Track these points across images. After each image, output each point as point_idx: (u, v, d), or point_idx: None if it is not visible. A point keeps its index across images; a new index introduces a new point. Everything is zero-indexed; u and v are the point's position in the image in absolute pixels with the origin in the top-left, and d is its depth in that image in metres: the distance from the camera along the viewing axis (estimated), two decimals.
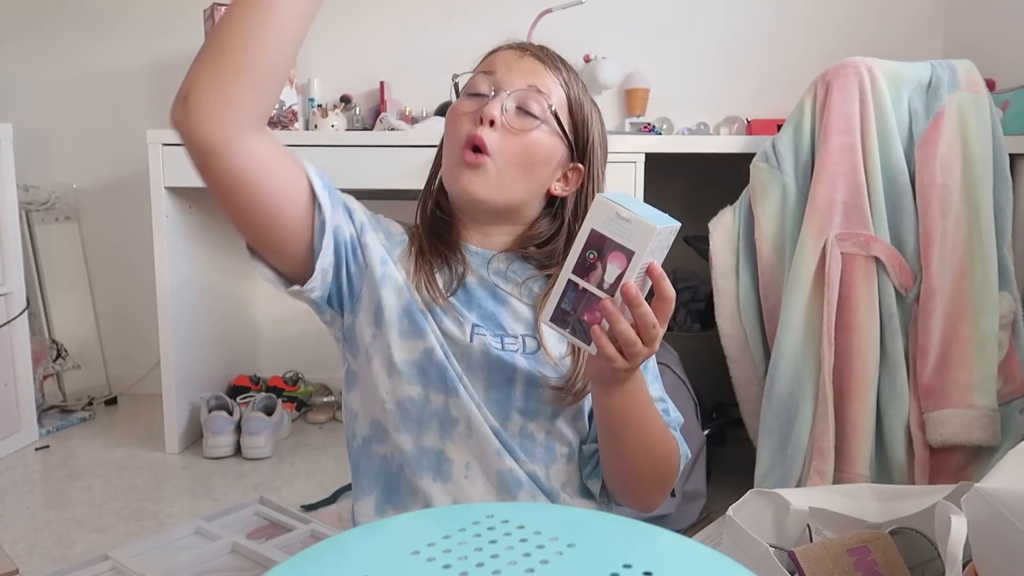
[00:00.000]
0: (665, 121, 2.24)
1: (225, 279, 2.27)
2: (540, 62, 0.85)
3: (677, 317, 2.13)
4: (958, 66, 1.53)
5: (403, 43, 2.37)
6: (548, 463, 0.86)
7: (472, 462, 0.84)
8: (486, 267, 0.88)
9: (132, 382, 2.45)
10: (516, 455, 0.84)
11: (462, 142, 0.82)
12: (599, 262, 0.69)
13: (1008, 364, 1.43)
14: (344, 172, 1.85)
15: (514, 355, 0.83)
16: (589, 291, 0.70)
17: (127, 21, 2.39)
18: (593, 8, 2.21)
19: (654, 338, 0.70)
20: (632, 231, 0.68)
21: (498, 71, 0.83)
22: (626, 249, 0.68)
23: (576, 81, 0.88)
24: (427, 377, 0.83)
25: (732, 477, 1.64)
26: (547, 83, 0.84)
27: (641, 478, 0.83)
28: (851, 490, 1.19)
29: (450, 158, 0.85)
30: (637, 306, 0.68)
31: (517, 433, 0.85)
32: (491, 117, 0.81)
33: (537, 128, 0.84)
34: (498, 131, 0.82)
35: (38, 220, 2.32)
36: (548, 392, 0.84)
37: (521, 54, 0.85)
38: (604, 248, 0.69)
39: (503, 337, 0.84)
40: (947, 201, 1.43)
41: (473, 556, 0.43)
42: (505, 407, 0.84)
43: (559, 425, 0.86)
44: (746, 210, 1.57)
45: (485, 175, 0.82)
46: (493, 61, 0.85)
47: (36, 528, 1.53)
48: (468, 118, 0.83)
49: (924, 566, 1.06)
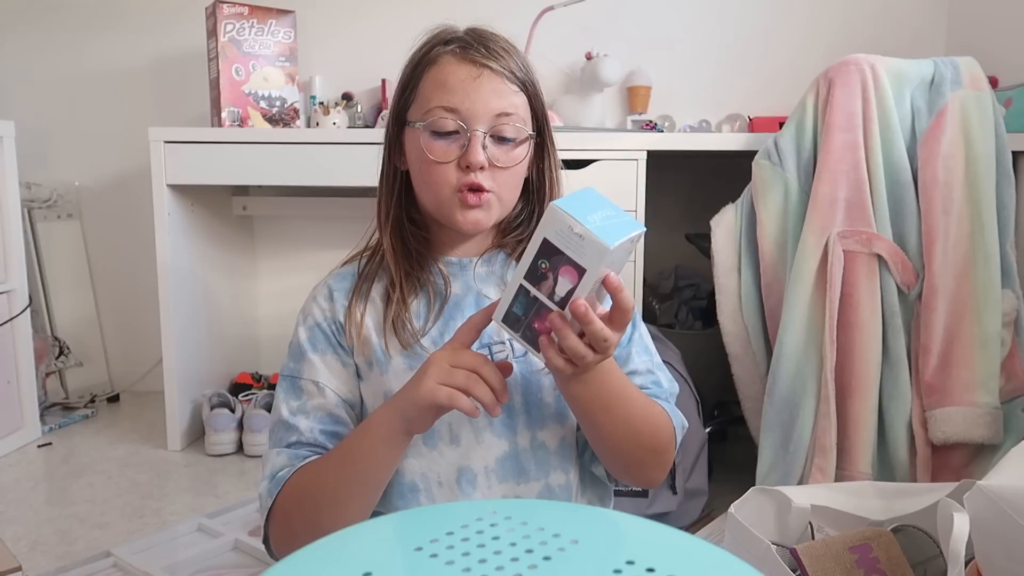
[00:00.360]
0: (667, 118, 2.24)
1: (227, 276, 2.28)
2: (495, 75, 0.81)
3: (679, 315, 2.13)
4: (961, 63, 1.53)
5: (405, 40, 2.35)
6: (567, 469, 0.85)
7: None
8: (470, 274, 0.87)
9: (134, 379, 2.46)
10: (530, 476, 0.83)
11: (454, 188, 0.80)
12: (550, 273, 0.66)
13: (1010, 362, 1.43)
14: (345, 169, 1.85)
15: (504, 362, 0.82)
16: (540, 300, 0.67)
17: (129, 18, 2.39)
18: (595, 5, 2.20)
19: (607, 348, 0.68)
20: (584, 247, 0.63)
21: (458, 106, 0.79)
22: (577, 265, 0.64)
23: (522, 62, 0.85)
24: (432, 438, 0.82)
25: (734, 475, 1.64)
26: (511, 101, 0.81)
27: (630, 457, 0.81)
28: (853, 488, 1.19)
29: (442, 194, 0.82)
30: (587, 324, 0.66)
31: (529, 447, 0.83)
32: (480, 165, 0.79)
33: (519, 150, 0.83)
34: (488, 169, 0.81)
35: (40, 217, 2.32)
36: (545, 383, 0.83)
37: (475, 73, 0.80)
38: (555, 260, 0.65)
39: (490, 347, 0.83)
40: (950, 199, 1.43)
41: (476, 552, 0.43)
42: (510, 424, 0.82)
43: (569, 427, 0.85)
44: (748, 208, 1.57)
45: (489, 208, 0.82)
46: (449, 90, 0.80)
47: (39, 525, 1.53)
48: (451, 166, 0.80)
49: (926, 564, 1.06)
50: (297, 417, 0.82)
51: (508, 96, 0.81)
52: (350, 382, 0.84)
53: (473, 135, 0.79)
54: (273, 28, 2.01)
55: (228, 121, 1.96)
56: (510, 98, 0.82)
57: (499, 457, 0.81)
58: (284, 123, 2.03)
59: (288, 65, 2.03)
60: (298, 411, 0.82)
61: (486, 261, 0.88)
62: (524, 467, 0.82)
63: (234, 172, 1.89)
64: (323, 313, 0.86)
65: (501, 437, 0.82)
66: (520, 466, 0.82)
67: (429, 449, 0.81)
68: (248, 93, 1.98)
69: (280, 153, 1.87)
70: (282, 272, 2.47)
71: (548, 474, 0.83)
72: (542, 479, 0.83)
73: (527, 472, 0.82)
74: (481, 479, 0.81)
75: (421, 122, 0.81)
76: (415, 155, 0.83)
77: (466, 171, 0.80)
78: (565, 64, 2.29)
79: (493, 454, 0.81)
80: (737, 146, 1.72)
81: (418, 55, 0.85)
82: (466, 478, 0.81)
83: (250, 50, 1.98)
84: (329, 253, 2.87)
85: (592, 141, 1.76)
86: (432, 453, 0.81)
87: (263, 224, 2.46)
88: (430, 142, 0.80)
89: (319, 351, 0.84)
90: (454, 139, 0.80)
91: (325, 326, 0.85)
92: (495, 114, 0.80)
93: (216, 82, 1.97)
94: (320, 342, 0.85)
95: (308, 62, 2.30)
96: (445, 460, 0.81)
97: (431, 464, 0.81)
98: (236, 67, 1.97)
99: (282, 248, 2.46)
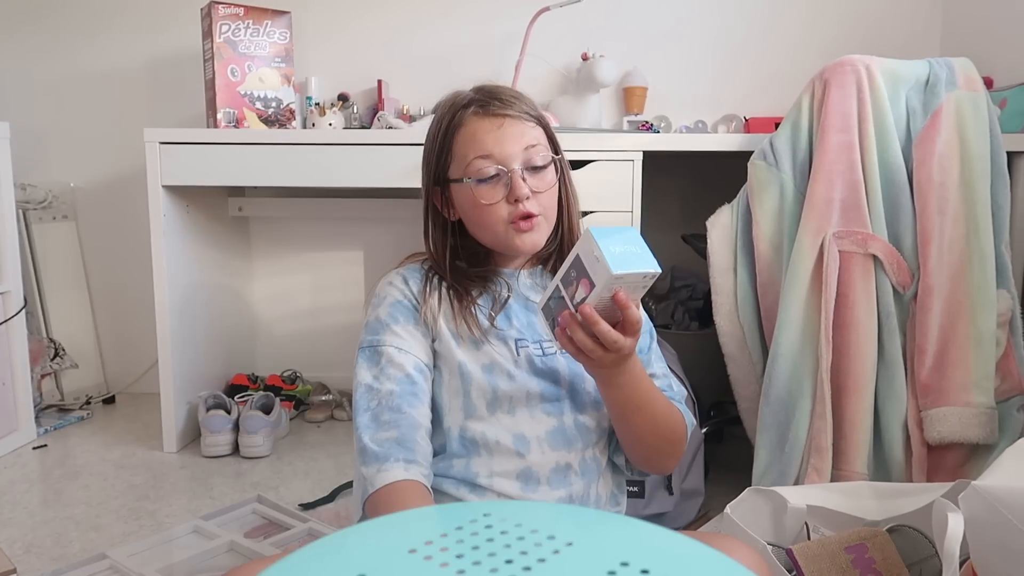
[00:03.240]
0: (663, 119, 2.24)
1: (223, 278, 2.27)
2: (514, 120, 0.96)
3: (675, 315, 2.13)
4: (956, 64, 1.53)
5: (401, 41, 2.37)
6: (603, 446, 1.00)
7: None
8: (519, 283, 1.02)
9: (130, 381, 2.45)
10: (574, 446, 0.96)
11: (506, 222, 0.95)
12: (575, 281, 0.82)
13: (1006, 362, 1.44)
14: (342, 170, 1.85)
15: (555, 357, 0.97)
16: (565, 300, 0.83)
17: (125, 19, 2.38)
18: (591, 6, 2.20)
19: (618, 348, 0.82)
20: (598, 268, 0.79)
21: (492, 152, 0.94)
22: (591, 280, 0.80)
23: (530, 103, 0.99)
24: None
25: (730, 475, 1.64)
26: (532, 135, 0.96)
27: (652, 450, 0.97)
28: (849, 488, 1.19)
29: (498, 230, 0.96)
30: (593, 324, 0.80)
31: (572, 425, 0.96)
32: (526, 195, 0.94)
33: (549, 173, 0.97)
34: (532, 197, 0.95)
35: (35, 219, 2.32)
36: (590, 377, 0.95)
37: (498, 123, 0.95)
38: (580, 272, 0.81)
39: (542, 343, 0.97)
40: (945, 199, 1.44)
41: (470, 554, 0.43)
42: (558, 406, 0.96)
43: (604, 413, 0.98)
44: (744, 208, 1.57)
45: (540, 229, 0.97)
46: (480, 142, 0.94)
47: (34, 527, 1.53)
48: (500, 204, 0.95)
49: (922, 564, 1.06)
50: (380, 380, 0.93)
51: (529, 132, 0.97)
52: (427, 349, 0.97)
53: (513, 173, 0.94)
54: (269, 29, 2.00)
55: (224, 122, 1.95)
56: (531, 133, 0.97)
57: (549, 430, 0.95)
58: (280, 124, 2.03)
59: (284, 66, 2.03)
60: (380, 375, 0.93)
61: (529, 274, 1.04)
62: (570, 439, 0.96)
63: (230, 173, 1.89)
64: (402, 292, 0.99)
65: (550, 415, 0.96)
66: (567, 437, 0.95)
67: (490, 414, 0.95)
68: (244, 94, 1.98)
69: (276, 154, 1.87)
70: (278, 273, 2.47)
71: (588, 448, 0.97)
72: (584, 450, 0.97)
73: (574, 443, 0.96)
74: (534, 444, 0.94)
75: (467, 177, 0.95)
76: (468, 206, 0.97)
77: (515, 204, 0.94)
78: (561, 65, 2.29)
79: (544, 427, 0.95)
80: (733, 147, 1.72)
81: (444, 124, 0.98)
82: (521, 441, 0.94)
83: (246, 51, 1.98)
84: (325, 254, 2.89)
85: (588, 142, 1.76)
86: (492, 418, 0.95)
87: (259, 225, 2.45)
88: (478, 189, 0.95)
89: (401, 322, 0.97)
90: (495, 181, 0.95)
91: (406, 302, 0.98)
92: (523, 148, 0.95)
93: (212, 83, 1.96)
94: (402, 314, 0.97)
95: (304, 63, 2.30)
96: (502, 425, 0.94)
97: (490, 426, 0.94)
98: (232, 68, 1.96)
99: (278, 249, 2.46)
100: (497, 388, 0.94)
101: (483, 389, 0.94)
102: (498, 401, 0.95)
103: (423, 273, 1.02)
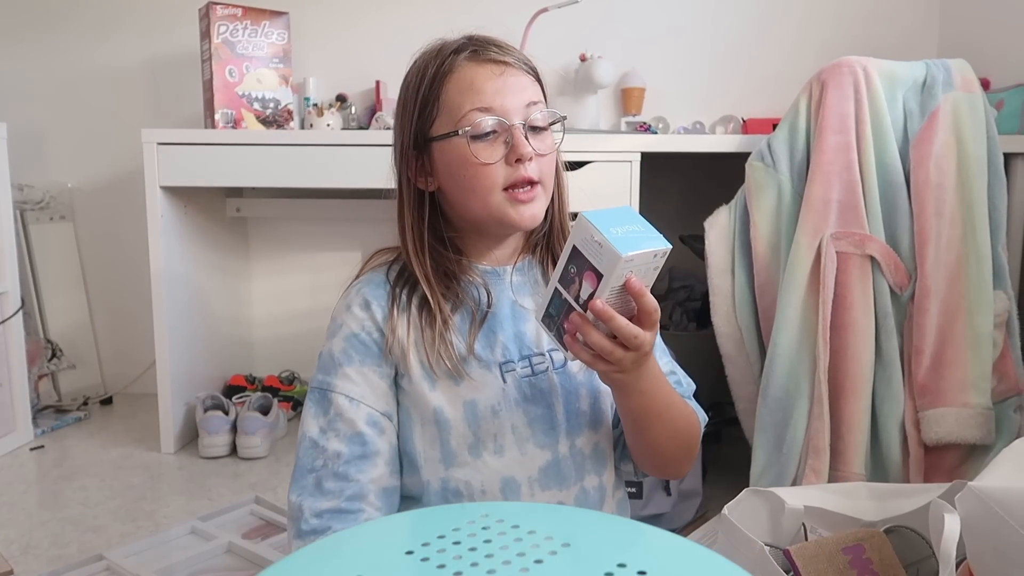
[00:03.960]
0: (661, 120, 2.24)
1: (220, 279, 2.27)
2: (515, 70, 0.83)
3: (673, 316, 2.13)
4: (953, 65, 1.53)
5: (399, 42, 2.35)
6: (599, 471, 0.89)
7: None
8: (505, 284, 0.88)
9: (127, 382, 2.45)
10: (570, 482, 0.86)
11: (503, 186, 0.82)
12: (577, 277, 0.71)
13: (1002, 363, 1.44)
14: (340, 171, 1.85)
15: (545, 375, 0.85)
16: (568, 301, 0.73)
17: (122, 20, 2.38)
18: (589, 7, 2.20)
19: (639, 345, 0.72)
20: (603, 254, 0.69)
21: (493, 104, 0.81)
22: (597, 271, 0.69)
23: (522, 53, 0.87)
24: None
25: (728, 476, 1.64)
26: (533, 91, 0.84)
27: (670, 456, 0.87)
28: (846, 489, 1.19)
29: (491, 199, 0.82)
30: (608, 320, 0.70)
31: (568, 454, 0.86)
32: (531, 156, 0.81)
33: (549, 136, 0.85)
34: (534, 160, 0.82)
35: (33, 219, 2.32)
36: (583, 392, 0.87)
37: (497, 71, 0.82)
38: (580, 266, 0.71)
39: (531, 358, 0.85)
40: (942, 200, 1.44)
41: (467, 556, 0.43)
42: (552, 434, 0.85)
43: (603, 432, 0.89)
44: (742, 209, 1.57)
45: (539, 201, 0.84)
46: (479, 91, 0.81)
47: (31, 528, 1.52)
48: (498, 166, 0.81)
49: (919, 564, 1.06)
50: (327, 436, 0.82)
51: (530, 87, 0.84)
52: (387, 394, 0.84)
53: (515, 128, 0.81)
54: (267, 30, 2.00)
55: (222, 123, 1.95)
56: (533, 88, 0.85)
57: (542, 467, 0.84)
58: (278, 125, 2.03)
59: (282, 67, 2.03)
60: (328, 429, 0.82)
61: (519, 271, 0.89)
62: (565, 474, 0.85)
63: (228, 174, 1.89)
64: (360, 323, 0.85)
65: (544, 448, 0.85)
66: (561, 473, 0.85)
67: (474, 459, 0.83)
68: (242, 95, 1.98)
69: (274, 155, 1.86)
70: (276, 274, 2.46)
71: (584, 477, 0.87)
72: (578, 483, 0.86)
73: (568, 479, 0.85)
74: (524, 488, 0.84)
75: (462, 128, 0.80)
76: (456, 165, 0.82)
77: (516, 166, 0.81)
78: (559, 66, 2.29)
79: (536, 464, 0.84)
80: (731, 148, 1.72)
81: (431, 71, 0.84)
82: (510, 488, 0.83)
83: (244, 52, 1.98)
84: (323, 255, 2.89)
85: (586, 143, 1.76)
86: (476, 462, 0.83)
87: (257, 226, 2.45)
88: (473, 146, 0.80)
89: (355, 363, 0.83)
90: (493, 139, 0.81)
91: (364, 336, 0.84)
92: (525, 105, 0.82)
93: (209, 84, 1.96)
94: (358, 352, 0.84)
95: (302, 64, 2.30)
96: (489, 469, 0.83)
97: (475, 473, 0.83)
98: (230, 68, 1.96)
99: (276, 250, 2.46)
100: (480, 429, 0.83)
101: (463, 434, 0.83)
102: (482, 443, 0.83)
103: (388, 289, 0.87)
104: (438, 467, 0.83)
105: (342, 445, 0.81)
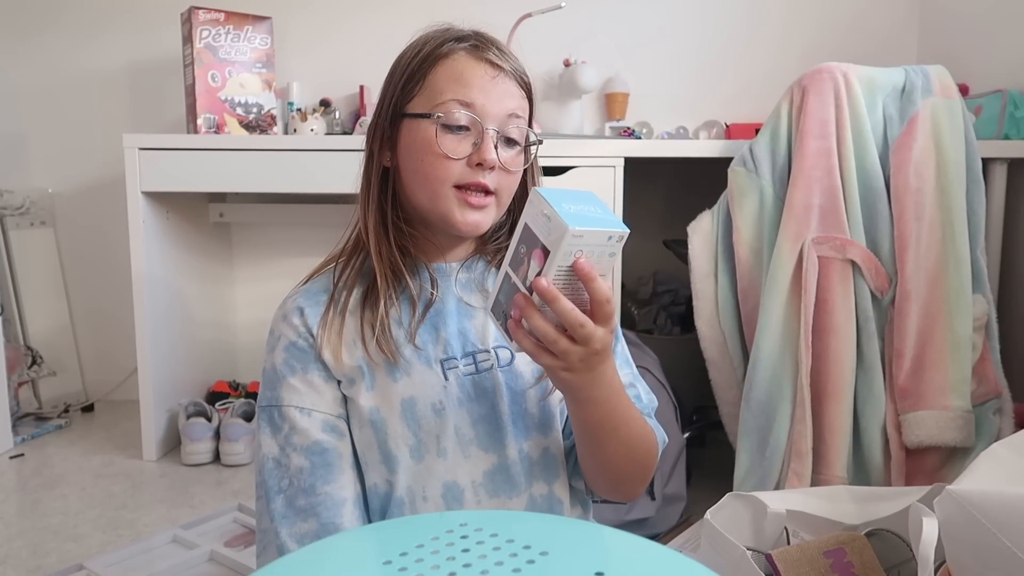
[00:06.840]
0: (645, 125, 2.25)
1: (203, 284, 2.25)
2: (507, 77, 0.82)
3: (657, 320, 2.14)
4: (932, 72, 1.55)
5: (383, 47, 2.34)
6: (549, 479, 0.84)
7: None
8: (451, 280, 0.85)
9: (109, 389, 2.42)
10: (519, 489, 0.82)
11: (455, 184, 0.80)
12: (526, 257, 0.66)
13: (982, 366, 1.45)
14: (323, 176, 1.85)
15: (490, 373, 0.82)
16: (517, 284, 0.67)
17: (104, 25, 2.36)
18: (573, 13, 2.21)
19: (587, 337, 0.66)
20: (551, 228, 0.64)
21: (475, 101, 0.79)
22: (544, 247, 0.64)
23: (524, 68, 0.86)
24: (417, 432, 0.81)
25: (712, 480, 1.65)
26: (518, 104, 0.83)
27: (624, 476, 0.82)
28: (828, 492, 1.20)
29: (440, 191, 0.80)
30: (551, 301, 0.64)
31: (517, 458, 0.82)
32: (493, 164, 0.79)
33: (520, 156, 0.83)
34: (496, 170, 0.81)
35: (12, 225, 2.29)
36: (531, 393, 0.83)
37: (492, 72, 0.81)
38: (530, 244, 0.66)
39: (475, 355, 0.82)
40: (921, 205, 1.45)
41: (445, 565, 0.43)
42: (498, 436, 0.81)
43: (552, 438, 0.85)
44: (724, 214, 1.58)
45: (490, 212, 0.82)
46: (466, 84, 0.80)
47: (10, 538, 1.50)
48: (457, 162, 0.79)
49: (900, 567, 1.07)
50: (287, 453, 0.79)
51: (518, 99, 0.83)
52: (337, 396, 0.82)
53: (486, 133, 0.79)
54: (249, 34, 1.99)
55: (204, 128, 1.94)
56: (519, 101, 0.83)
57: (487, 471, 0.81)
58: (261, 130, 2.02)
59: (265, 71, 2.02)
60: (286, 445, 0.79)
61: (467, 268, 0.87)
62: (513, 480, 0.81)
63: (210, 179, 1.88)
64: (296, 330, 0.82)
65: (488, 451, 0.81)
66: (509, 479, 0.81)
67: (416, 463, 0.80)
68: (224, 100, 1.97)
69: (257, 160, 1.85)
70: (259, 279, 2.45)
71: (532, 485, 0.83)
72: (527, 491, 0.82)
73: (517, 485, 0.81)
74: (469, 494, 0.80)
75: (436, 113, 0.79)
76: (417, 148, 0.80)
77: (476, 169, 0.79)
78: (543, 71, 2.29)
79: (480, 468, 0.81)
80: (714, 153, 1.73)
81: (427, 49, 0.82)
82: (452, 494, 0.80)
83: (226, 56, 1.97)
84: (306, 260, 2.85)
85: (570, 148, 1.77)
86: (419, 467, 0.80)
87: (240, 231, 2.44)
88: (441, 135, 0.79)
89: (298, 372, 0.81)
90: (463, 135, 0.79)
91: (301, 342, 0.82)
92: (507, 114, 0.81)
93: (192, 88, 1.95)
94: (299, 360, 0.81)
95: (285, 68, 2.29)
96: (432, 474, 0.80)
97: (417, 478, 0.80)
98: (212, 73, 1.95)
99: (259, 255, 2.44)
100: (420, 430, 0.79)
101: (403, 435, 0.79)
102: (424, 445, 0.79)
103: (327, 292, 0.84)
104: (380, 470, 0.81)
105: (303, 459, 0.79)
